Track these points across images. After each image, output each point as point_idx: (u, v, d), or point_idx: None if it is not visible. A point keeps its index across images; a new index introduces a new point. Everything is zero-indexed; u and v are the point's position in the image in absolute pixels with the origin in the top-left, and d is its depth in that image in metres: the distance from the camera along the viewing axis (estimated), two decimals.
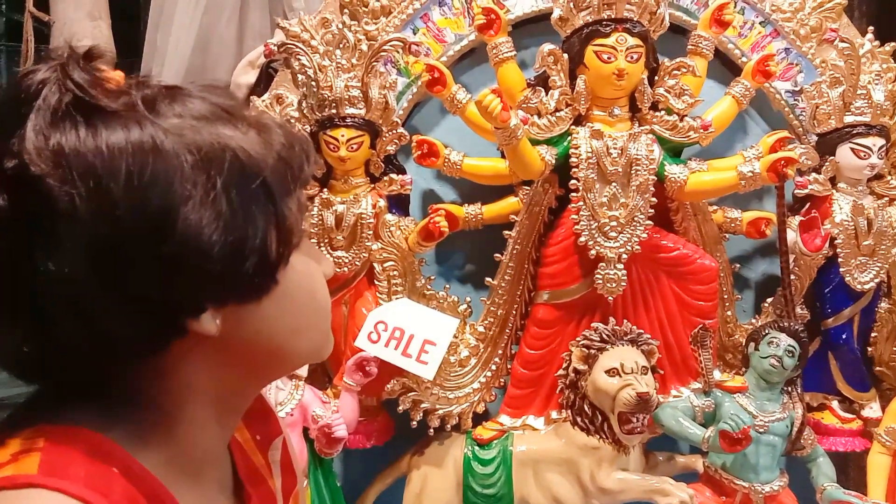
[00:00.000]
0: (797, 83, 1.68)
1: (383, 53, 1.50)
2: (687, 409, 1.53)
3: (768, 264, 1.71)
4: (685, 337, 1.55)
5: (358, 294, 1.56)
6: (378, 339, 1.49)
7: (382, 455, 1.65)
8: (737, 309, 1.70)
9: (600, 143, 1.50)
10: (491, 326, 1.60)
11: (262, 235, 0.62)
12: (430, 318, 1.52)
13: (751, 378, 1.54)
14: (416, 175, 1.71)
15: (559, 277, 1.56)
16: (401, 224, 1.55)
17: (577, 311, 1.57)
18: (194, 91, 0.65)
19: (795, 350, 1.50)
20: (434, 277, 1.66)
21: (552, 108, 1.52)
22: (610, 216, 1.50)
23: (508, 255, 1.59)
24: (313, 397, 1.50)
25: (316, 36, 1.55)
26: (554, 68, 1.52)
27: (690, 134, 1.53)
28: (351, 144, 1.49)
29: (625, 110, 1.54)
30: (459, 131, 1.62)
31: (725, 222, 1.65)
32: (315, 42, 1.54)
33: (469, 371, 1.59)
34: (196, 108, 0.62)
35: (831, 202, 1.59)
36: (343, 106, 1.49)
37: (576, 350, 1.49)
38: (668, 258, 1.55)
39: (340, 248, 1.53)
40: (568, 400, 1.51)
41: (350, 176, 1.54)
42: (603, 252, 1.50)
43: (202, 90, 0.65)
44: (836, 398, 1.67)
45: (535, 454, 1.53)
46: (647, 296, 1.57)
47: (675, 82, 1.53)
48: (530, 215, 1.58)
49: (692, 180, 1.51)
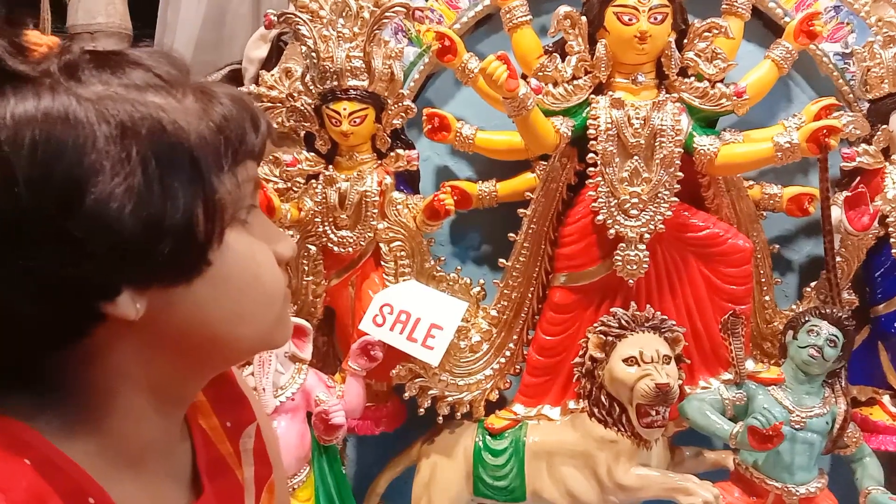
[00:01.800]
0: (848, 45, 1.51)
1: (386, 21, 1.42)
2: (716, 401, 1.41)
3: (813, 245, 1.56)
4: (715, 324, 1.42)
5: (364, 275, 1.50)
6: (383, 323, 1.43)
7: (397, 441, 1.59)
8: (777, 293, 1.56)
9: (621, 113, 1.38)
10: (505, 310, 1.51)
11: (186, 212, 0.57)
12: (437, 301, 1.44)
13: (788, 369, 1.41)
14: (430, 151, 1.63)
15: (577, 259, 1.46)
16: (409, 202, 1.47)
17: (596, 295, 1.47)
18: (139, 58, 0.61)
19: (838, 340, 1.36)
20: (445, 259, 1.58)
21: (569, 76, 1.41)
22: (631, 192, 1.39)
23: (523, 234, 1.49)
24: (317, 381, 1.44)
25: (325, 5, 1.48)
26: (571, 32, 1.41)
27: (722, 102, 1.40)
28: (354, 118, 1.42)
29: (650, 77, 1.42)
30: (476, 104, 1.53)
31: (763, 199, 1.51)
32: (324, 12, 1.47)
33: (481, 357, 1.51)
34: (128, 76, 0.58)
35: (883, 176, 1.43)
36: (345, 78, 1.41)
37: (593, 337, 1.39)
38: (697, 238, 1.42)
39: (345, 228, 1.46)
40: (584, 389, 1.41)
41: (355, 152, 1.47)
42: (623, 231, 1.39)
43: (149, 57, 0.61)
44: (887, 392, 1.51)
45: (549, 446, 1.44)
46: (674, 279, 1.45)
47: (707, 45, 1.40)
48: (547, 192, 1.48)
49: (723, 153, 1.38)
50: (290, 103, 1.48)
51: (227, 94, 0.63)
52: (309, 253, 1.50)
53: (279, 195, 1.54)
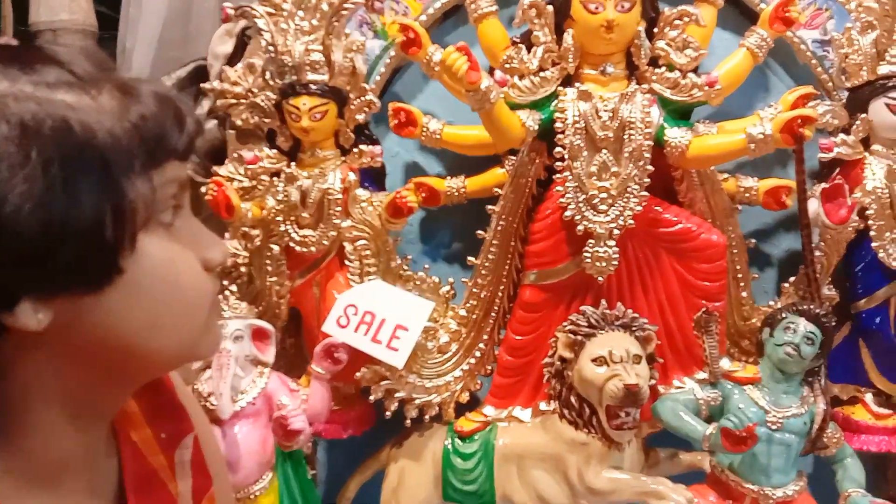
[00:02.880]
0: (826, 31, 1.46)
1: (345, 13, 1.38)
2: (689, 401, 1.36)
3: (792, 239, 1.52)
4: (689, 321, 1.37)
5: (329, 275, 1.46)
6: (347, 324, 1.38)
7: (368, 445, 1.55)
8: (756, 289, 1.51)
9: (588, 106, 1.34)
10: (474, 310, 1.47)
11: (93, 216, 0.54)
12: (403, 302, 1.40)
13: (765, 368, 1.36)
14: (399, 147, 1.59)
15: (546, 256, 1.41)
16: (374, 200, 1.43)
17: (566, 293, 1.42)
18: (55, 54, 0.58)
19: (816, 337, 1.31)
20: (415, 257, 1.55)
21: (535, 68, 1.37)
22: (599, 187, 1.34)
23: (493, 232, 1.45)
24: (280, 385, 1.40)
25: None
26: (537, 22, 1.36)
27: (694, 92, 1.35)
28: (314, 114, 1.38)
29: (620, 68, 1.37)
30: (444, 98, 1.49)
31: (739, 192, 1.46)
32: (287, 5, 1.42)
33: (450, 358, 1.47)
34: (39, 74, 0.56)
35: (863, 167, 1.38)
36: (304, 72, 1.38)
37: (562, 336, 1.35)
38: (669, 233, 1.38)
39: (307, 227, 1.42)
40: (554, 390, 1.37)
41: (317, 148, 1.43)
42: (592, 227, 1.35)
43: (67, 54, 0.59)
44: (870, 391, 1.46)
45: (519, 448, 1.40)
46: (646, 276, 1.40)
47: (678, 34, 1.35)
48: (516, 188, 1.44)
49: (695, 145, 1.34)
50: (250, 99, 1.44)
51: (152, 92, 0.60)
52: (272, 253, 1.46)
53: (244, 194, 1.51)
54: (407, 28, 1.37)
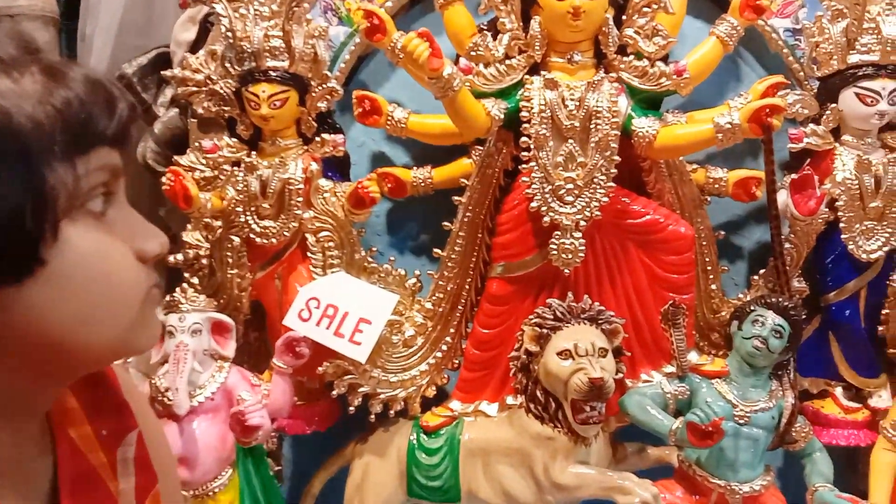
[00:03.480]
0: (798, 20, 1.44)
1: None
2: (657, 395, 1.34)
3: (763, 231, 1.50)
4: (656, 314, 1.35)
5: (291, 268, 1.43)
6: (309, 317, 1.35)
7: (335, 440, 1.52)
8: (726, 281, 1.49)
9: (555, 94, 1.31)
10: (440, 303, 1.45)
11: (10, 203, 0.52)
12: (367, 295, 1.37)
13: (733, 362, 1.34)
14: (365, 136, 1.56)
15: (512, 248, 1.39)
16: (337, 190, 1.40)
17: (533, 286, 1.40)
18: None
19: (784, 330, 1.30)
20: (382, 249, 1.52)
21: (501, 56, 1.34)
22: (566, 178, 1.31)
23: (459, 223, 1.42)
24: (240, 379, 1.37)
25: None
26: (503, 9, 1.33)
27: (662, 81, 1.33)
28: (273, 101, 1.34)
29: (588, 56, 1.34)
30: (411, 86, 1.45)
31: (708, 183, 1.44)
32: None
33: (415, 352, 1.44)
34: None
35: (833, 158, 1.36)
36: (263, 58, 1.34)
37: (528, 329, 1.32)
38: (636, 225, 1.35)
39: (268, 218, 1.39)
40: (521, 384, 1.35)
41: (278, 137, 1.40)
42: (558, 219, 1.32)
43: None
44: (839, 384, 1.45)
45: (484, 443, 1.37)
46: (613, 268, 1.38)
47: (646, 21, 1.32)
48: (483, 179, 1.41)
49: (663, 135, 1.31)
50: (209, 86, 1.41)
51: (82, 76, 0.58)
52: (232, 244, 1.43)
53: (205, 183, 1.47)
54: (371, 14, 1.33)
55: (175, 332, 1.34)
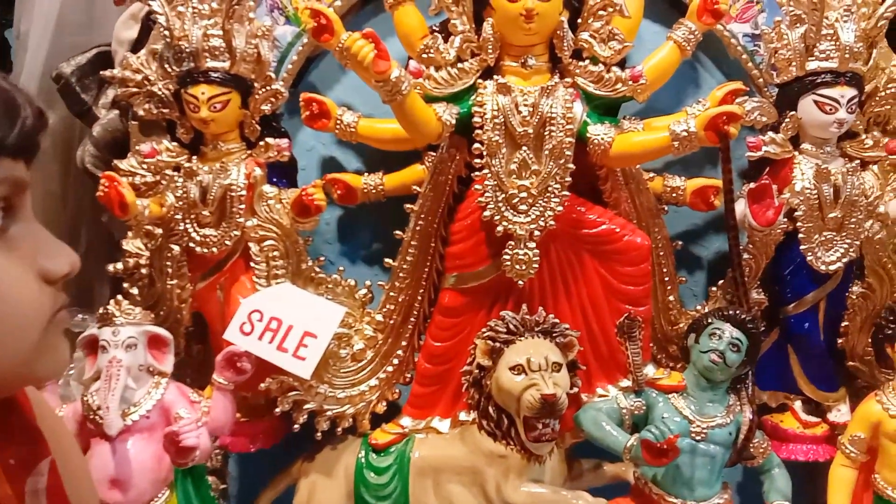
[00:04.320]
0: (757, 25, 1.41)
1: None
2: (612, 410, 1.30)
3: (723, 241, 1.45)
4: (612, 326, 1.31)
5: (233, 278, 1.36)
6: (251, 331, 1.29)
7: (283, 457, 1.46)
8: (685, 292, 1.46)
9: (508, 100, 1.26)
10: (391, 315, 1.39)
11: None
12: (312, 307, 1.31)
13: (690, 376, 1.31)
14: (315, 140, 1.50)
15: (465, 258, 1.34)
16: (282, 197, 1.34)
17: (487, 298, 1.35)
18: None
19: (742, 344, 1.26)
20: (333, 258, 1.46)
21: (453, 59, 1.29)
22: (519, 186, 1.27)
23: (411, 232, 1.37)
24: (178, 396, 1.31)
25: None
26: (454, 10, 1.28)
27: (618, 87, 1.29)
28: (213, 104, 1.28)
29: (542, 60, 1.30)
30: (363, 89, 1.38)
31: (666, 192, 1.40)
32: None
33: (365, 366, 1.38)
34: None
35: (792, 166, 1.33)
36: (202, 58, 1.28)
37: (480, 343, 1.27)
38: (592, 235, 1.31)
39: (208, 226, 1.32)
40: (473, 400, 1.30)
41: (220, 141, 1.33)
42: (511, 228, 1.27)
43: None
44: (798, 398, 1.42)
45: (435, 461, 1.32)
46: (569, 279, 1.34)
47: (601, 25, 1.28)
48: (436, 186, 1.36)
49: (618, 142, 1.27)
50: (146, 88, 1.34)
51: None
52: (172, 253, 1.36)
53: (147, 189, 1.40)
54: (318, 14, 1.27)
55: (108, 347, 1.27)
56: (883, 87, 1.34)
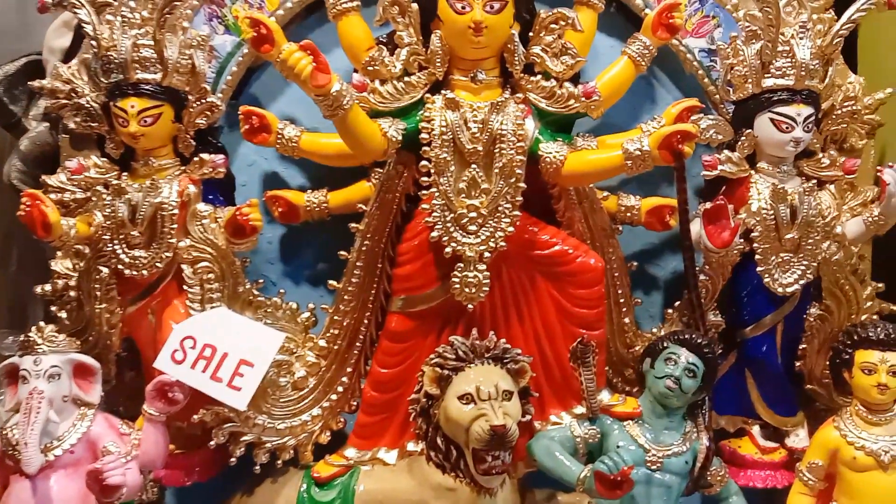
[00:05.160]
0: (713, 40, 1.38)
1: (178, 4, 1.21)
2: (566, 439, 1.25)
3: (679, 260, 1.41)
4: (566, 351, 1.26)
5: (166, 302, 1.29)
6: (183, 359, 1.21)
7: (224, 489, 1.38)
8: (641, 313, 1.42)
9: (457, 116, 1.21)
10: (336, 339, 1.32)
11: None
12: (249, 333, 1.24)
13: (645, 402, 1.26)
14: (257, 155, 1.43)
15: (413, 280, 1.28)
16: (218, 216, 1.27)
17: (436, 322, 1.29)
18: None
19: (698, 369, 1.22)
20: (269, 279, 1.39)
21: (399, 72, 1.23)
22: (468, 205, 1.21)
23: (357, 252, 1.31)
24: (106, 429, 1.22)
25: None
26: (400, 21, 1.23)
27: (571, 103, 1.24)
28: (144, 118, 1.21)
29: (493, 74, 1.25)
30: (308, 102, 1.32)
31: (620, 211, 1.36)
32: None
33: (307, 395, 1.32)
34: None
35: (749, 186, 1.30)
36: (132, 70, 1.20)
37: (428, 370, 1.21)
38: (544, 256, 1.26)
39: (138, 247, 1.25)
40: (421, 430, 1.23)
41: (152, 156, 1.26)
42: (461, 250, 1.22)
43: None
44: (757, 423, 1.38)
45: (381, 495, 1.25)
46: (521, 302, 1.29)
47: (554, 39, 1.24)
48: (383, 204, 1.30)
49: (571, 161, 1.22)
50: (74, 100, 1.26)
51: None
52: (100, 276, 1.28)
53: (77, 207, 1.32)
54: (258, 23, 1.20)
55: (29, 377, 1.18)
56: (839, 104, 1.32)
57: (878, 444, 1.19)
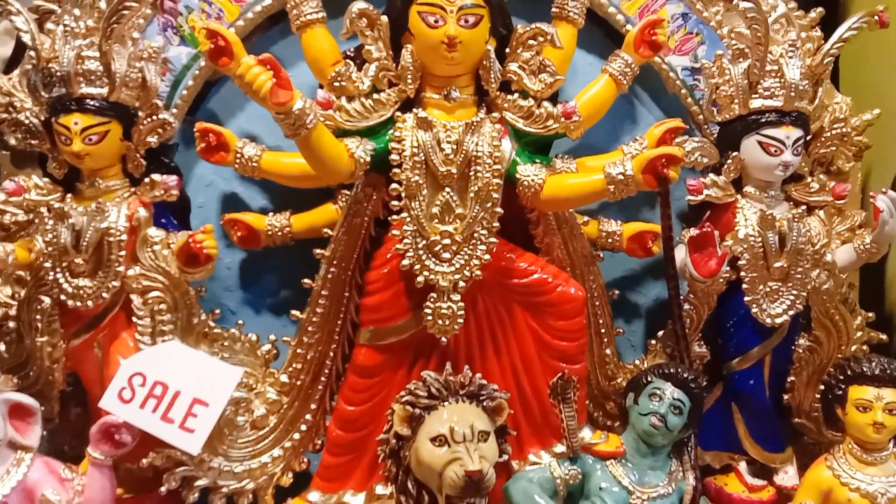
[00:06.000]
0: (697, 58, 1.33)
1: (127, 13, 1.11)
2: (546, 480, 1.17)
3: (662, 287, 1.35)
4: (545, 386, 1.18)
5: (113, 335, 1.19)
6: (132, 398, 1.12)
7: None
8: (622, 343, 1.35)
9: (429, 136, 1.13)
10: (299, 374, 1.24)
11: None
12: (204, 369, 1.15)
13: (629, 439, 1.19)
14: (215, 174, 1.35)
15: (383, 310, 1.19)
16: (170, 241, 1.17)
17: (407, 355, 1.21)
18: None
19: (684, 405, 1.16)
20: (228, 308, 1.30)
21: (367, 88, 1.15)
22: (442, 232, 1.14)
23: (322, 280, 1.22)
24: (45, 474, 1.12)
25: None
26: (369, 35, 1.15)
27: (550, 123, 1.17)
28: (88, 136, 1.11)
29: (467, 92, 1.17)
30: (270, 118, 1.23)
31: (601, 237, 1.30)
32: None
33: (267, 434, 1.23)
34: None
35: (735, 211, 1.24)
36: (75, 84, 1.11)
37: (398, 408, 1.12)
38: (522, 285, 1.19)
39: (82, 276, 1.15)
40: (390, 473, 1.14)
41: (98, 177, 1.16)
42: (433, 279, 1.14)
43: None
44: (744, 458, 1.32)
45: None
46: (497, 334, 1.21)
47: (532, 55, 1.17)
48: (350, 229, 1.21)
49: (550, 185, 1.15)
50: (13, 115, 1.16)
51: None
52: (42, 306, 1.18)
53: (19, 230, 1.22)
54: (215, 34, 1.10)
55: None
56: (828, 126, 1.27)
57: (874, 486, 1.13)
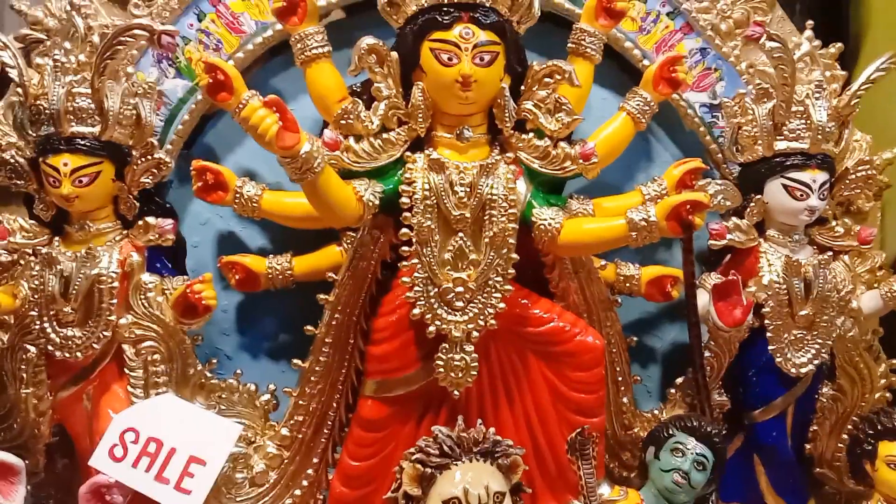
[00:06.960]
0: (716, 94, 1.28)
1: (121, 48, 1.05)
2: None
3: (678, 331, 1.32)
4: (561, 439, 1.13)
5: (103, 388, 1.12)
6: (124, 456, 1.05)
7: None
8: (639, 390, 1.30)
9: (442, 178, 1.07)
10: (300, 427, 1.17)
11: None
12: (201, 425, 1.08)
13: (649, 495, 1.14)
14: (211, 212, 1.28)
15: (391, 361, 1.13)
16: (164, 287, 1.11)
17: (415, 408, 1.15)
18: None
19: (707, 461, 1.10)
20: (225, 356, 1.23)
21: (376, 128, 1.09)
22: (455, 279, 1.07)
23: (325, 327, 1.16)
24: None
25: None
26: (378, 72, 1.09)
27: (567, 165, 1.11)
28: (79, 177, 1.05)
29: (480, 131, 1.11)
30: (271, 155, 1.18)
31: (619, 281, 1.25)
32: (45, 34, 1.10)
33: (267, 491, 1.16)
34: None
35: (758, 255, 1.20)
36: (65, 122, 1.04)
37: (408, 467, 1.06)
38: (538, 334, 1.13)
39: (71, 325, 1.07)
40: None
41: (88, 220, 1.09)
42: (446, 329, 1.08)
43: None
44: None
45: None
46: (511, 386, 1.15)
47: (548, 94, 1.11)
48: (356, 273, 1.15)
49: (568, 229, 1.10)
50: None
51: None
52: (27, 356, 1.10)
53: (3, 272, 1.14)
54: (214, 68, 1.04)
55: None
56: (853, 169, 1.23)
57: None
